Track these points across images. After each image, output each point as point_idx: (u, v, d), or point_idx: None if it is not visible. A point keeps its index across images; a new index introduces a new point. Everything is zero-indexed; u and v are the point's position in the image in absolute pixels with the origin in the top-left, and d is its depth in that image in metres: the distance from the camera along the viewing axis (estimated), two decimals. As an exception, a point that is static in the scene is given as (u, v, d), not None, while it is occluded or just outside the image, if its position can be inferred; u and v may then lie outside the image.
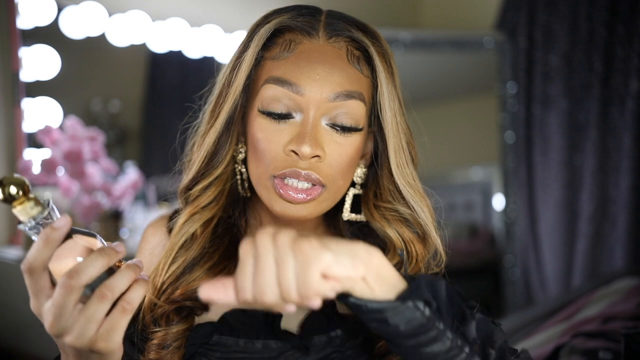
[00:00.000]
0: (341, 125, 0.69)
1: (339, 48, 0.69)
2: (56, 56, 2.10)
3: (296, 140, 0.67)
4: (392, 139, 0.70)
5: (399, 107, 0.71)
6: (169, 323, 0.71)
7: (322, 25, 0.70)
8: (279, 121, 0.68)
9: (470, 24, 2.90)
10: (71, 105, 2.18)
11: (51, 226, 0.52)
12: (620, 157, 2.25)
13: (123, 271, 0.54)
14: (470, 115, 2.98)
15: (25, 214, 0.53)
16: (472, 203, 3.08)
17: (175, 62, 2.48)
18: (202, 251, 0.74)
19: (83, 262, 0.52)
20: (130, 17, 2.26)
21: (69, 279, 0.51)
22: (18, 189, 0.52)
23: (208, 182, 0.73)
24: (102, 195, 1.87)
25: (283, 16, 0.71)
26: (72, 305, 0.52)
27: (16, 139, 1.95)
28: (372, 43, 0.70)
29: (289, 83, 0.67)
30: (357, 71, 0.70)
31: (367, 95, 0.71)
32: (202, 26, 2.46)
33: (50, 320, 0.52)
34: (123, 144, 2.36)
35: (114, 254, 0.54)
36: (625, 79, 2.22)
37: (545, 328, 1.62)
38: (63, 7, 2.10)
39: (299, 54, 0.68)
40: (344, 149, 0.69)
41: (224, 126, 0.72)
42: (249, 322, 0.72)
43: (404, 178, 0.71)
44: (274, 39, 0.70)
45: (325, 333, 0.72)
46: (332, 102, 0.67)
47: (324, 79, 0.67)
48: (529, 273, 2.62)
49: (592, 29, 2.31)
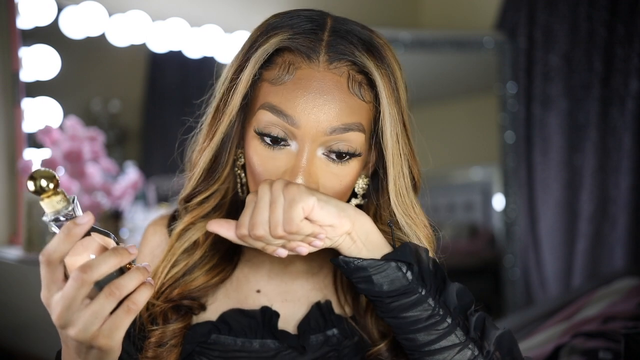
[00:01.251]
0: (338, 151, 0.66)
1: (339, 75, 0.66)
2: (56, 56, 2.10)
3: (290, 174, 0.65)
4: (392, 166, 0.67)
5: (402, 130, 0.68)
6: (166, 321, 0.72)
7: (324, 47, 0.66)
8: (274, 147, 0.66)
9: (470, 24, 2.90)
10: (71, 105, 2.17)
11: (74, 221, 0.54)
12: (620, 157, 2.25)
13: (133, 272, 0.56)
14: (470, 115, 2.98)
15: (51, 207, 0.55)
16: (472, 203, 3.08)
17: (175, 62, 2.48)
18: (203, 256, 0.75)
19: (96, 258, 0.54)
20: (130, 17, 2.26)
21: (82, 272, 0.52)
22: (48, 182, 0.54)
23: (207, 195, 0.73)
24: (102, 195, 1.87)
25: (283, 34, 0.66)
26: (81, 298, 0.53)
27: (16, 139, 1.95)
28: (377, 66, 0.66)
29: (284, 114, 0.65)
30: (358, 99, 0.66)
31: (367, 123, 0.68)
32: (202, 26, 2.46)
33: (57, 311, 0.53)
34: (123, 144, 2.36)
35: (126, 255, 0.55)
36: (625, 79, 2.22)
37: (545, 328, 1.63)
38: (63, 7, 2.10)
39: (297, 81, 0.65)
40: (340, 179, 0.68)
41: (220, 145, 0.71)
42: (246, 322, 0.73)
43: (402, 208, 0.68)
44: (272, 58, 0.67)
45: (322, 332, 0.73)
46: (329, 136, 0.65)
47: (320, 111, 0.64)
48: (529, 273, 2.62)
49: (592, 29, 2.31)
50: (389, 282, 0.61)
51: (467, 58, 2.70)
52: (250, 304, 0.76)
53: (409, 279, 0.62)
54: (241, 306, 0.75)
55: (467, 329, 0.64)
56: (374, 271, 0.61)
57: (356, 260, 0.62)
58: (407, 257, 0.62)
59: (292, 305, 0.76)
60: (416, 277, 0.62)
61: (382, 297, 0.62)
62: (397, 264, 0.62)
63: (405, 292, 0.61)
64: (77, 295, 0.53)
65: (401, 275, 0.61)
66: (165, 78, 2.49)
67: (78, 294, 0.53)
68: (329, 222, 0.59)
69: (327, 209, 0.59)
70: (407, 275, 0.62)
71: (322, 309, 0.74)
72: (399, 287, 0.61)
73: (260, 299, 0.76)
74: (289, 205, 0.57)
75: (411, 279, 0.62)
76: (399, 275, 0.61)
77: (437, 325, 0.62)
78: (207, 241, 0.75)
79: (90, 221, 0.54)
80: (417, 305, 0.62)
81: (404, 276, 0.61)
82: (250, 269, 0.78)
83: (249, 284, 0.77)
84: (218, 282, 0.75)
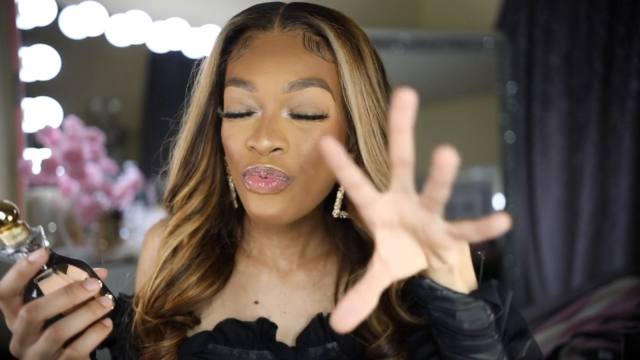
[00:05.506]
0: (304, 115, 0.64)
1: (294, 36, 0.66)
2: (56, 56, 2.10)
3: (253, 136, 0.64)
4: (360, 124, 0.65)
5: (368, 89, 0.66)
6: (160, 337, 0.70)
7: (278, 17, 0.67)
8: (244, 118, 0.66)
9: (470, 24, 2.90)
10: (71, 105, 2.17)
11: (27, 259, 0.52)
12: (620, 157, 2.25)
13: (81, 312, 0.53)
14: (470, 115, 2.98)
15: (12, 239, 0.53)
16: (472, 203, 3.08)
17: (175, 62, 2.48)
18: (189, 262, 0.72)
19: (45, 298, 0.52)
20: (130, 17, 2.26)
21: (27, 313, 0.51)
22: (7, 215, 0.52)
23: (187, 191, 0.72)
24: (102, 195, 1.87)
25: (241, 16, 0.68)
26: (32, 334, 0.52)
27: (16, 139, 1.95)
28: (331, 26, 0.65)
29: (243, 82, 0.65)
30: (318, 57, 0.65)
31: (332, 82, 0.65)
32: (202, 26, 2.46)
33: (12, 342, 0.53)
34: (123, 144, 2.36)
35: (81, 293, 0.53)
36: (625, 79, 2.22)
37: (545, 328, 1.62)
38: (63, 7, 2.10)
39: (253, 49, 0.66)
40: (309, 134, 0.64)
41: (194, 134, 0.70)
42: (243, 333, 0.71)
43: (375, 166, 0.65)
44: (234, 40, 0.68)
45: (321, 345, 0.71)
46: (289, 93, 0.63)
47: (276, 69, 0.63)
48: (529, 273, 2.62)
49: (592, 29, 2.31)
50: (471, 321, 0.55)
51: (467, 58, 2.70)
52: (248, 316, 0.73)
53: (491, 322, 0.56)
54: (239, 317, 0.73)
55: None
56: (461, 307, 0.55)
57: (444, 290, 0.54)
58: (495, 297, 0.56)
59: (292, 318, 0.74)
60: (496, 320, 0.57)
61: (458, 334, 0.56)
62: (485, 303, 0.56)
63: (483, 334, 0.56)
64: (25, 332, 0.52)
65: (485, 316, 0.55)
66: (165, 78, 2.49)
67: (27, 331, 0.52)
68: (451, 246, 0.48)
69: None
70: (490, 317, 0.56)
71: (323, 322, 0.72)
72: (480, 328, 0.55)
73: (259, 310, 0.74)
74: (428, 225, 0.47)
75: (492, 321, 0.56)
76: (483, 316, 0.55)
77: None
78: (190, 244, 0.72)
79: (41, 259, 0.53)
80: (489, 349, 0.57)
81: (487, 317, 0.56)
82: (248, 280, 0.76)
83: (247, 295, 0.75)
84: (211, 294, 0.72)
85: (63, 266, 0.56)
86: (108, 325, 0.56)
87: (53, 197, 1.92)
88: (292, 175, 0.65)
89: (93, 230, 1.90)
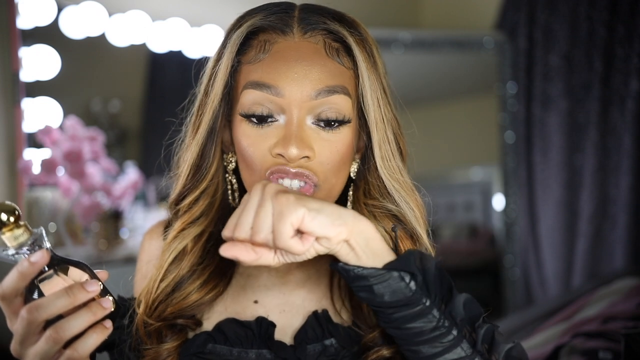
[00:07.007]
0: (326, 119, 0.66)
1: (315, 42, 0.67)
2: (56, 56, 2.10)
3: (282, 143, 0.64)
4: (375, 130, 0.67)
5: (382, 96, 0.68)
6: (161, 340, 0.70)
7: (296, 21, 0.67)
8: (262, 125, 0.66)
9: (470, 24, 2.90)
10: (71, 105, 2.17)
11: (28, 260, 0.53)
12: (620, 157, 2.25)
13: (81, 313, 0.53)
14: (470, 115, 2.98)
15: (13, 240, 0.53)
16: (472, 203, 3.08)
17: (175, 62, 2.48)
18: (193, 268, 0.72)
19: (46, 298, 0.52)
20: (130, 17, 2.26)
21: (28, 314, 0.52)
22: (9, 216, 0.52)
23: (195, 195, 0.72)
24: (102, 195, 1.87)
25: (255, 17, 0.68)
26: (33, 335, 0.53)
27: (16, 139, 1.95)
28: (350, 33, 0.67)
29: (267, 86, 0.65)
30: (338, 64, 0.67)
31: (351, 88, 0.68)
32: (202, 26, 2.46)
33: (13, 343, 0.53)
34: (123, 144, 2.36)
35: (81, 294, 0.53)
36: (625, 79, 2.22)
37: (545, 328, 1.62)
38: (63, 7, 2.10)
39: (274, 54, 0.66)
40: (333, 146, 0.66)
41: (206, 137, 0.70)
42: (242, 332, 0.71)
43: (389, 172, 0.68)
44: (248, 42, 0.68)
45: (319, 342, 0.71)
46: (315, 100, 0.65)
47: (303, 77, 0.64)
48: (529, 273, 2.62)
49: (592, 29, 2.31)
50: (391, 292, 0.57)
51: (467, 58, 2.70)
52: (247, 315, 0.74)
53: (412, 290, 0.57)
54: (239, 317, 0.73)
55: (474, 342, 0.60)
56: (375, 281, 0.57)
57: (356, 269, 0.57)
58: (411, 266, 0.57)
59: (290, 316, 0.74)
60: (420, 287, 0.58)
61: (384, 307, 0.58)
62: (400, 274, 0.57)
63: (408, 303, 0.57)
64: (26, 332, 0.52)
65: (404, 285, 0.57)
66: (165, 78, 2.49)
67: (28, 331, 0.52)
68: (321, 233, 0.54)
69: (319, 219, 0.54)
70: (410, 286, 0.57)
71: (320, 319, 0.72)
72: (402, 298, 0.57)
73: (258, 309, 0.74)
74: (277, 219, 0.53)
75: (414, 290, 0.57)
76: (402, 285, 0.57)
77: (442, 338, 0.58)
78: (195, 249, 0.72)
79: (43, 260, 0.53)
80: (421, 316, 0.58)
81: (406, 286, 0.57)
82: (247, 280, 0.76)
83: (247, 295, 0.76)
84: (213, 299, 0.72)
85: (64, 267, 0.56)
86: (108, 326, 0.56)
87: (53, 197, 1.92)
88: (317, 183, 0.67)
89: (93, 230, 1.90)
